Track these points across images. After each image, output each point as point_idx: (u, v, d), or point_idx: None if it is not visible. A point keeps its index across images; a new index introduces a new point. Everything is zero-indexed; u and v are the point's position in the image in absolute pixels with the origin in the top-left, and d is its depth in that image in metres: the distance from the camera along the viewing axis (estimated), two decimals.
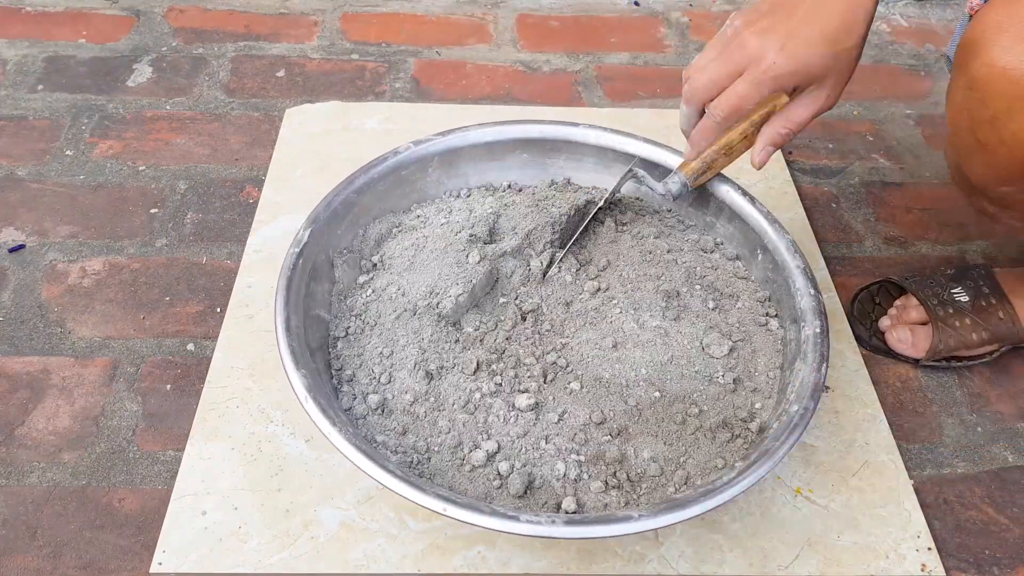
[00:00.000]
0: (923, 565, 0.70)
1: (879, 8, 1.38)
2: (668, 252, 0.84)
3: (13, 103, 1.10)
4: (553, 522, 0.60)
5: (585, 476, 0.69)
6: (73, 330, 0.85)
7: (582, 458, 0.69)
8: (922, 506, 0.75)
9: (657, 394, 0.73)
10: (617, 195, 0.85)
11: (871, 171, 1.10)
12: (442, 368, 0.74)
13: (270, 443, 0.76)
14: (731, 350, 0.77)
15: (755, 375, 0.76)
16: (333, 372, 0.74)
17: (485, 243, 0.81)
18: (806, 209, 1.01)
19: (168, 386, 0.81)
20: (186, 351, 0.84)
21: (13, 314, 0.86)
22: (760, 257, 0.83)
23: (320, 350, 0.74)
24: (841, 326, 0.88)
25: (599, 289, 0.81)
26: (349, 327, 0.77)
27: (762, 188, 1.02)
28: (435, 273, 0.79)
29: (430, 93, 1.16)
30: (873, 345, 0.86)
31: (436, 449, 0.70)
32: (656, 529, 0.67)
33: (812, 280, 0.77)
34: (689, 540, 0.70)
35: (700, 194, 0.86)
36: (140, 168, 1.03)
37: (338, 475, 0.73)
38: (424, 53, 1.24)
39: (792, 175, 1.06)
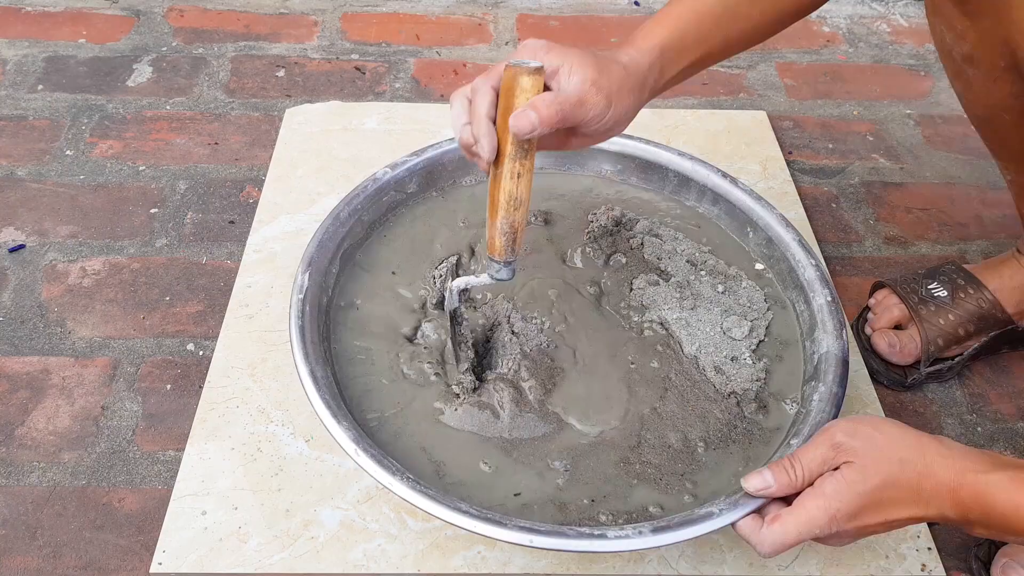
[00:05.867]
0: (923, 565, 0.70)
1: (879, 8, 1.38)
2: (663, 244, 0.84)
3: (13, 103, 1.10)
4: (531, 532, 0.60)
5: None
6: (73, 330, 0.85)
7: None
8: None
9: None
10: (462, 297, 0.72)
11: (871, 171, 1.10)
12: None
13: (270, 443, 0.75)
14: (751, 330, 0.78)
15: (781, 349, 0.78)
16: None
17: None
18: (806, 209, 1.01)
19: (168, 386, 0.81)
20: (186, 351, 0.84)
21: (13, 314, 0.86)
22: (751, 235, 0.85)
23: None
24: None
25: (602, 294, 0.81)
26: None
27: (762, 188, 1.02)
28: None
29: (430, 93, 1.16)
30: (891, 379, 0.85)
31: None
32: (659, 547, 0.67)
33: (810, 250, 0.80)
34: (689, 540, 0.70)
35: (681, 181, 0.88)
36: (140, 168, 1.03)
37: (338, 475, 0.73)
38: (424, 53, 1.24)
39: (792, 175, 1.06)
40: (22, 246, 0.93)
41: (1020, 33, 0.61)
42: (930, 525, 0.73)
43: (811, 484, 0.58)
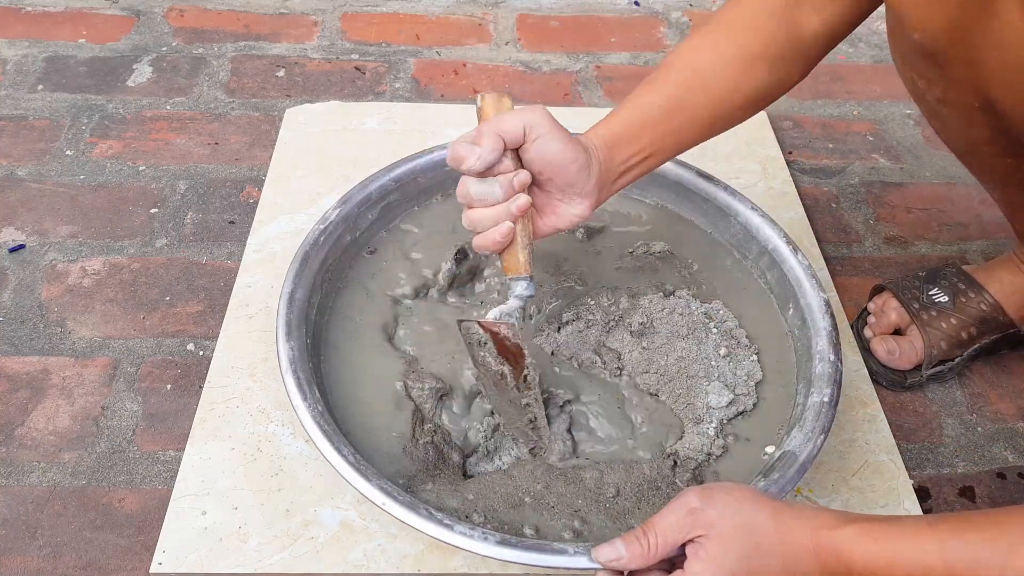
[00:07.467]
0: None
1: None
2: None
3: (13, 103, 1.10)
4: (486, 539, 0.61)
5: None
6: (73, 330, 0.85)
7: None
8: (922, 506, 0.75)
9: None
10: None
11: (871, 171, 1.10)
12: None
13: (270, 443, 0.75)
14: (730, 402, 0.75)
15: (754, 431, 0.74)
16: None
17: None
18: (806, 209, 1.01)
19: (168, 386, 0.81)
20: (186, 351, 0.84)
21: (13, 314, 0.86)
22: (791, 311, 0.81)
23: None
24: (842, 325, 0.88)
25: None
26: None
27: (762, 188, 1.02)
28: None
29: (430, 93, 1.16)
30: (890, 380, 0.84)
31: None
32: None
33: (836, 345, 0.75)
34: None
35: (745, 233, 0.86)
36: (140, 168, 1.03)
37: (338, 475, 0.73)
38: (424, 53, 1.24)
39: (792, 175, 1.06)
40: (22, 246, 0.93)
41: (993, 77, 0.60)
42: None
43: (666, 554, 0.55)
